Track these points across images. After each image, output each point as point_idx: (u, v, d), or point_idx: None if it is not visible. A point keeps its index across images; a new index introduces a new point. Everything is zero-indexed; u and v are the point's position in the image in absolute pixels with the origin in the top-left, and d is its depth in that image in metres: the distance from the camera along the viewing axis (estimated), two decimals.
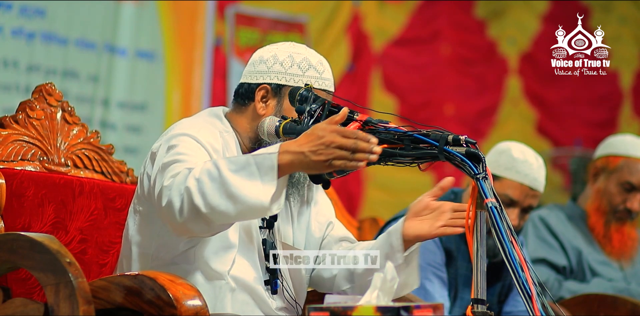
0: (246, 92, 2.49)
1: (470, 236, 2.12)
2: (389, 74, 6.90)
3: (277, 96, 2.46)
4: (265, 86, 2.46)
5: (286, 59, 2.47)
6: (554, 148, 7.57)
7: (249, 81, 2.50)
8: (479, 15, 7.40)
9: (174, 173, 2.22)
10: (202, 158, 2.29)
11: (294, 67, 2.46)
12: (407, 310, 1.89)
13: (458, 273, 3.28)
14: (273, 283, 2.44)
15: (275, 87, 2.46)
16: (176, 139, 2.35)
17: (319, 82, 2.46)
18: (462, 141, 2.15)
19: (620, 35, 7.61)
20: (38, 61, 5.10)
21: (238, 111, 2.51)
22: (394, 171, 5.26)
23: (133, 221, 2.45)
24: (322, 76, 2.48)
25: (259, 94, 2.47)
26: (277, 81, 2.46)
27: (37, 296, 2.37)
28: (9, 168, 2.50)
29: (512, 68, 7.51)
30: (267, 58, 2.49)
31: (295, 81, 2.45)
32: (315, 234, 2.57)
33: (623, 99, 7.89)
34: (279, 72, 2.46)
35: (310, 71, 2.46)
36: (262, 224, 2.46)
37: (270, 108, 2.46)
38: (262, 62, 2.49)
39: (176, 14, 5.66)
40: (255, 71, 2.49)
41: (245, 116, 2.49)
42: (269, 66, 2.47)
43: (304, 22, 6.34)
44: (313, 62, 2.48)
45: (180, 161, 2.27)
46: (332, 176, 2.29)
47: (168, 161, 2.29)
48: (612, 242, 3.86)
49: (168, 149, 2.34)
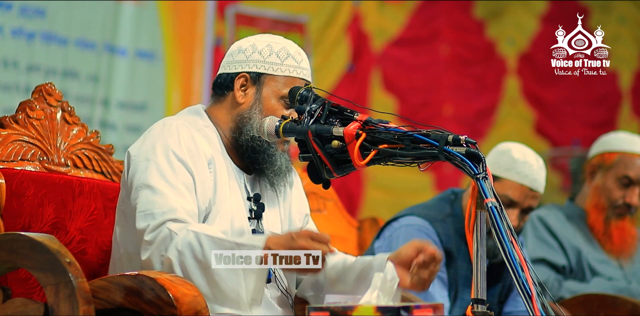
0: (225, 81, 2.51)
1: (471, 236, 2.12)
2: (388, 74, 6.90)
3: (256, 84, 2.48)
4: (244, 74, 2.49)
5: (265, 48, 2.49)
6: (552, 148, 7.57)
7: (227, 71, 2.52)
8: (478, 16, 7.40)
9: (155, 222, 2.27)
10: (182, 184, 2.33)
11: (273, 56, 2.48)
12: (407, 310, 1.89)
13: (458, 274, 3.28)
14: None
15: (254, 75, 2.48)
16: (156, 155, 2.37)
17: (297, 71, 2.49)
18: (462, 141, 2.14)
19: (619, 35, 7.62)
20: (38, 61, 5.10)
21: (217, 102, 2.53)
22: (394, 171, 5.26)
23: (119, 223, 2.47)
24: (300, 65, 2.50)
25: (238, 82, 2.49)
26: (256, 69, 2.48)
27: (37, 296, 2.37)
28: (9, 168, 2.50)
29: (510, 68, 7.51)
30: (245, 48, 2.51)
31: (274, 70, 2.48)
32: (296, 224, 2.59)
33: (622, 99, 7.90)
34: (258, 61, 2.48)
35: (288, 60, 2.49)
36: (250, 215, 2.47)
37: (249, 96, 2.48)
38: (240, 52, 2.51)
39: (176, 14, 5.66)
40: (234, 60, 2.51)
41: (224, 106, 2.51)
42: (247, 55, 2.49)
43: (304, 22, 6.34)
44: (291, 51, 2.50)
45: (161, 194, 2.30)
46: (332, 175, 2.30)
47: (149, 185, 2.32)
48: (612, 239, 3.87)
49: (148, 163, 2.36)
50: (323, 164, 2.29)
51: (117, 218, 2.48)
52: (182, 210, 2.31)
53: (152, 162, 2.36)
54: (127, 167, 2.42)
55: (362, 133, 2.24)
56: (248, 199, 2.49)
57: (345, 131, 2.25)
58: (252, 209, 2.48)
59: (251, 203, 2.49)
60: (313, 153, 2.29)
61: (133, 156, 2.41)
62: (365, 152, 2.24)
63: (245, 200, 2.48)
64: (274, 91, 2.47)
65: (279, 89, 2.47)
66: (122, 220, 2.45)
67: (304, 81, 2.49)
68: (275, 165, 2.48)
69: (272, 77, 2.48)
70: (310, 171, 2.33)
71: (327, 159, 2.28)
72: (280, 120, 2.39)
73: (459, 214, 3.30)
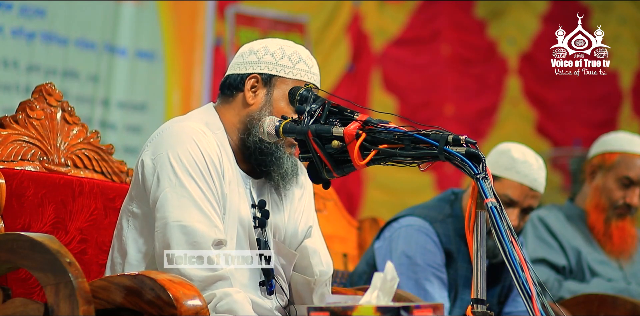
0: (234, 82, 2.49)
1: (471, 236, 2.12)
2: (389, 74, 6.90)
3: (266, 86, 2.47)
4: (255, 76, 2.47)
5: (277, 51, 2.48)
6: (553, 148, 7.57)
7: (237, 72, 2.50)
8: (479, 15, 7.40)
9: (193, 253, 2.29)
10: (209, 199, 2.33)
11: (285, 59, 2.48)
12: (407, 310, 1.89)
13: (458, 274, 3.28)
14: (268, 283, 2.44)
15: (265, 77, 2.47)
16: (179, 160, 2.35)
17: (308, 76, 2.48)
18: (462, 141, 2.14)
19: (620, 35, 7.61)
20: (38, 61, 5.10)
21: (225, 103, 2.51)
22: (394, 171, 5.27)
23: (127, 223, 2.44)
24: (311, 70, 2.50)
25: (248, 83, 2.47)
26: (268, 71, 2.47)
27: (37, 296, 2.37)
28: (9, 168, 2.50)
29: (511, 68, 7.51)
30: (257, 49, 2.50)
31: (286, 72, 2.47)
32: (298, 236, 2.56)
33: (623, 99, 7.89)
34: (270, 63, 2.48)
35: (300, 64, 2.48)
36: (255, 224, 2.46)
37: (259, 98, 2.47)
38: (252, 53, 2.50)
39: (176, 14, 5.66)
40: (245, 61, 2.50)
41: (233, 106, 2.49)
42: (259, 57, 2.49)
43: (304, 22, 6.34)
44: (303, 56, 2.50)
45: (196, 217, 2.30)
46: (332, 175, 2.30)
47: (177, 203, 2.32)
48: (613, 239, 3.87)
49: (173, 168, 2.34)
50: (323, 164, 2.29)
51: (122, 218, 2.45)
52: (221, 231, 2.32)
53: (177, 171, 2.34)
54: (146, 172, 2.38)
55: (362, 133, 2.24)
56: (253, 206, 2.47)
57: (345, 131, 2.25)
58: (257, 217, 2.47)
59: (255, 210, 2.47)
60: (313, 153, 2.29)
61: (149, 162, 2.38)
62: (365, 152, 2.24)
63: (250, 208, 2.46)
64: (284, 94, 2.46)
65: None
66: (132, 220, 2.43)
67: (314, 86, 2.48)
68: (282, 168, 2.46)
69: (283, 80, 2.47)
70: (310, 171, 2.33)
71: (327, 159, 2.28)
72: (280, 120, 2.38)
73: (459, 214, 3.30)
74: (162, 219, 2.31)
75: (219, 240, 2.30)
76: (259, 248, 2.44)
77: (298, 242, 2.55)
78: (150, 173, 2.37)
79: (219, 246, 2.31)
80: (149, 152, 2.39)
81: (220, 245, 2.31)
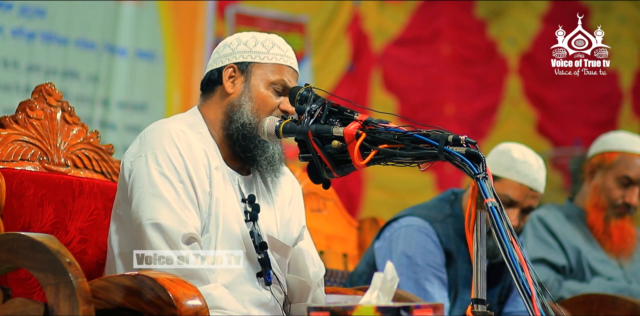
0: (213, 77, 2.53)
1: (471, 236, 2.12)
2: (389, 74, 6.90)
3: (244, 74, 2.50)
4: (231, 65, 2.50)
5: (250, 40, 2.52)
6: (553, 148, 7.57)
7: (214, 67, 2.54)
8: (479, 15, 7.40)
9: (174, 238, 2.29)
10: (186, 196, 2.33)
11: (259, 46, 2.51)
12: (407, 310, 1.89)
13: (458, 274, 3.28)
14: (266, 274, 2.45)
15: (241, 65, 2.50)
16: (156, 165, 2.36)
17: (284, 59, 2.51)
18: (462, 141, 2.14)
19: (620, 35, 7.61)
20: (38, 61, 5.10)
21: (207, 98, 2.54)
22: (394, 171, 5.27)
23: (114, 226, 2.46)
24: (286, 54, 2.52)
25: (226, 73, 2.50)
26: (243, 59, 2.50)
27: (37, 296, 2.37)
28: (9, 168, 2.50)
29: (512, 68, 7.51)
30: (230, 42, 2.54)
31: (261, 58, 2.50)
32: (292, 233, 2.58)
33: (623, 99, 7.89)
34: (244, 52, 2.51)
35: (274, 49, 2.51)
36: (246, 218, 2.46)
37: (238, 86, 2.50)
38: (226, 46, 2.54)
39: (176, 14, 5.66)
40: (220, 56, 2.53)
41: (214, 100, 2.52)
42: (233, 48, 2.52)
43: (304, 22, 6.34)
44: (277, 41, 2.53)
45: (169, 207, 2.31)
46: (332, 175, 2.30)
47: (154, 194, 2.32)
48: (612, 238, 3.87)
49: (149, 173, 2.35)
50: (323, 164, 2.29)
51: (112, 220, 2.48)
52: (192, 226, 2.32)
53: (152, 172, 2.35)
54: (125, 175, 2.41)
55: (362, 133, 2.24)
56: (243, 201, 2.48)
57: (345, 131, 2.25)
58: (247, 211, 2.48)
59: (246, 204, 2.48)
60: (313, 153, 2.29)
61: (129, 164, 2.41)
62: (365, 152, 2.24)
63: (240, 202, 2.47)
64: (262, 78, 2.48)
65: (268, 76, 2.48)
66: (118, 222, 2.45)
67: (291, 68, 2.51)
68: (267, 152, 2.47)
69: (260, 65, 2.50)
70: (310, 171, 2.33)
71: (327, 159, 2.28)
72: (280, 120, 2.39)
73: (459, 214, 3.30)
74: (137, 220, 2.34)
75: (190, 236, 2.31)
76: (252, 240, 2.45)
77: (292, 239, 2.56)
78: (128, 176, 2.40)
79: (190, 241, 2.31)
80: (129, 155, 2.43)
81: (191, 241, 2.32)
